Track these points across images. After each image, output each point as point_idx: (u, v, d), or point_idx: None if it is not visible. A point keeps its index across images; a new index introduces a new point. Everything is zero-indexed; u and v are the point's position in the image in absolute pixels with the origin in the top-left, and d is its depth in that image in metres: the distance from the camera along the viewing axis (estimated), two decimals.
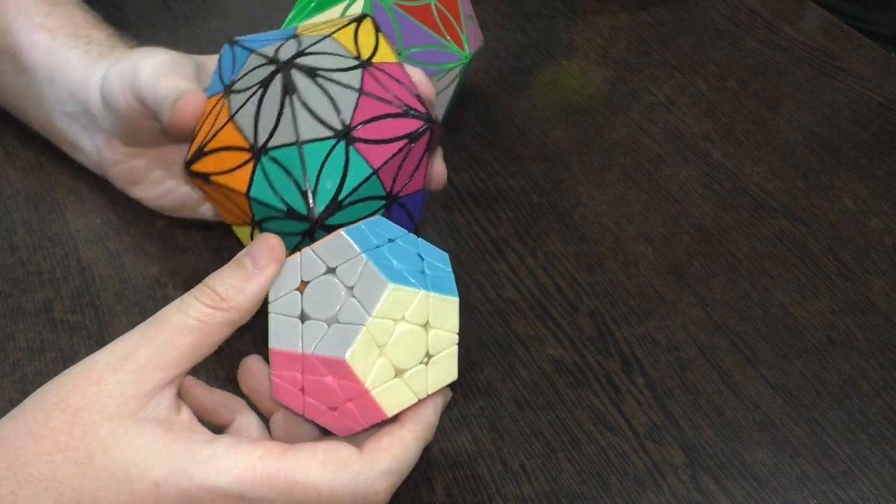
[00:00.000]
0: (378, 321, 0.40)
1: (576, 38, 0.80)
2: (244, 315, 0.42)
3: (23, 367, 0.53)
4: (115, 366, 0.40)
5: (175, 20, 0.79)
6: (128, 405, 0.40)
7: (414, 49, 0.62)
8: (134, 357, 0.40)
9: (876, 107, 0.73)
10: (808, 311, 0.58)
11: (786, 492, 0.49)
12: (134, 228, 0.61)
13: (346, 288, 0.40)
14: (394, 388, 0.41)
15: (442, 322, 0.42)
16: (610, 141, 0.70)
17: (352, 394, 0.40)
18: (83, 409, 0.40)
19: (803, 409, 0.53)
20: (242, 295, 0.42)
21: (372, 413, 0.41)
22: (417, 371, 0.41)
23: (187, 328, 0.41)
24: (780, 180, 0.67)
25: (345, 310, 0.40)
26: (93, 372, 0.40)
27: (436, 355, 0.42)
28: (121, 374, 0.40)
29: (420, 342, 0.41)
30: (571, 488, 0.49)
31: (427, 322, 0.41)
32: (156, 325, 0.41)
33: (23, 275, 0.58)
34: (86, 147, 0.61)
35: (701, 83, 0.75)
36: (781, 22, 0.82)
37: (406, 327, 0.40)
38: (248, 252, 0.43)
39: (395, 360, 0.40)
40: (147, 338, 0.41)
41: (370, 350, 0.40)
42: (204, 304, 0.41)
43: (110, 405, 0.40)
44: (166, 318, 0.41)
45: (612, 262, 0.61)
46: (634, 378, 0.54)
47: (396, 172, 0.47)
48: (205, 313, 0.41)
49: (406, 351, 0.41)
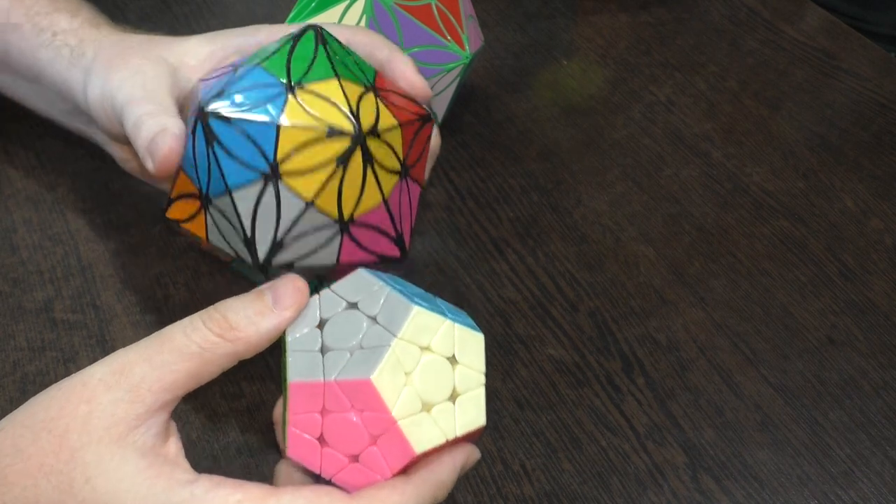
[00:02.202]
0: (404, 344, 0.38)
1: (576, 38, 0.80)
2: (251, 350, 0.40)
3: (23, 367, 0.53)
4: (108, 382, 0.39)
5: (175, 20, 0.79)
6: (117, 428, 0.39)
7: (414, 49, 0.62)
8: (129, 375, 0.39)
9: (876, 107, 0.73)
10: (808, 311, 0.58)
11: (786, 492, 0.49)
12: (134, 228, 0.61)
13: (369, 317, 0.39)
14: (421, 423, 0.38)
15: (469, 359, 0.39)
16: (610, 141, 0.70)
17: (377, 428, 0.38)
18: (72, 431, 0.38)
19: (804, 409, 0.53)
20: (254, 329, 0.40)
21: (398, 451, 0.38)
22: (445, 407, 0.39)
23: (188, 353, 0.39)
24: (781, 180, 0.67)
25: (368, 336, 0.38)
26: (86, 388, 0.39)
27: (463, 394, 0.39)
28: (114, 393, 0.39)
29: (447, 376, 0.39)
30: (572, 488, 0.49)
31: (453, 355, 0.39)
32: (157, 344, 0.39)
33: (23, 274, 0.58)
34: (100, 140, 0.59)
35: (701, 83, 0.75)
36: (781, 22, 0.82)
37: (433, 357, 0.38)
38: (271, 287, 0.41)
39: (421, 391, 0.38)
40: (146, 355, 0.39)
41: (396, 373, 0.38)
42: (211, 330, 0.39)
43: (99, 427, 0.38)
44: (169, 337, 0.39)
45: (613, 262, 0.61)
46: (635, 378, 0.54)
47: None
48: (209, 341, 0.39)
49: (433, 383, 0.38)
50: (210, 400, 0.52)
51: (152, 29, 0.62)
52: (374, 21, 0.61)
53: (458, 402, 0.39)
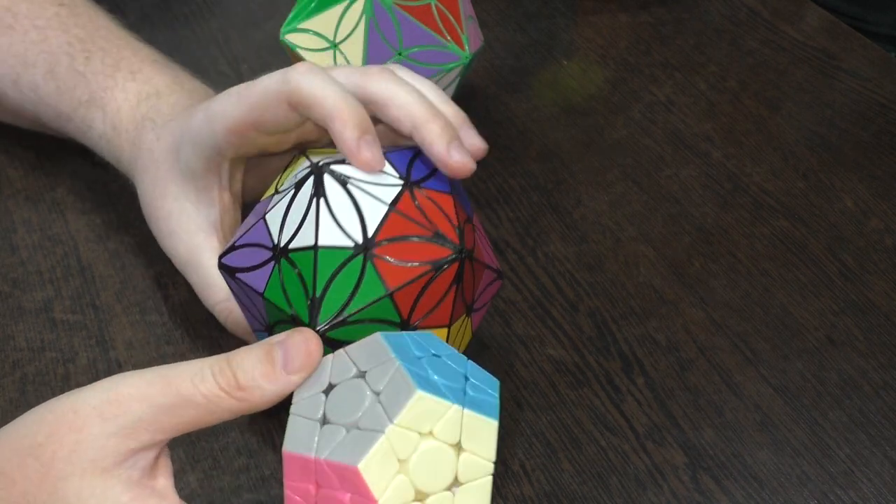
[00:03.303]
0: (401, 430, 0.36)
1: (576, 38, 0.80)
2: (252, 410, 0.39)
3: (23, 367, 0.53)
4: (103, 414, 0.38)
5: (175, 20, 0.79)
6: (104, 461, 0.38)
7: (414, 49, 0.62)
8: (127, 412, 0.38)
9: (876, 107, 0.73)
10: (808, 311, 0.58)
11: (786, 492, 0.49)
12: (134, 228, 0.61)
13: (373, 393, 0.37)
14: None
15: (477, 446, 0.37)
16: (610, 141, 0.70)
17: None
18: (58, 460, 0.37)
19: (803, 409, 0.53)
20: (259, 392, 0.39)
21: None
22: (442, 498, 0.37)
23: (193, 403, 0.38)
24: (780, 180, 0.67)
25: (367, 415, 0.37)
26: (78, 416, 0.38)
27: (465, 483, 0.37)
28: (108, 426, 0.38)
29: (448, 464, 0.37)
30: (572, 488, 0.49)
31: (458, 442, 0.37)
32: (162, 385, 0.38)
33: (23, 274, 0.58)
34: None
35: (701, 83, 0.75)
36: (781, 22, 0.82)
37: (433, 444, 0.36)
38: (283, 345, 0.39)
39: (416, 481, 0.36)
40: (148, 394, 0.38)
41: (388, 462, 0.36)
42: (219, 384, 0.38)
43: (85, 459, 0.37)
44: (175, 382, 0.38)
45: (612, 262, 0.61)
46: (635, 378, 0.54)
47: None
48: (215, 395, 0.38)
49: (431, 472, 0.36)
50: None
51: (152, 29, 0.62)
52: (373, 21, 0.61)
53: (459, 491, 0.37)
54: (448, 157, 0.45)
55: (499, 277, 0.49)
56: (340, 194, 0.44)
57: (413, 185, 0.45)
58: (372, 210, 0.44)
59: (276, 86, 0.47)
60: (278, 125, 0.48)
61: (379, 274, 0.43)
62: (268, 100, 0.47)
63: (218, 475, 0.49)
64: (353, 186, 0.44)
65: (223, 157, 0.51)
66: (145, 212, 0.55)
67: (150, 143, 0.54)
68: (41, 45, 0.59)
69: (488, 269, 0.48)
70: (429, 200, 0.45)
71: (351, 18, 0.62)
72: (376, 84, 0.47)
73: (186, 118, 0.52)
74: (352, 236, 0.43)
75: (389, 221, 0.44)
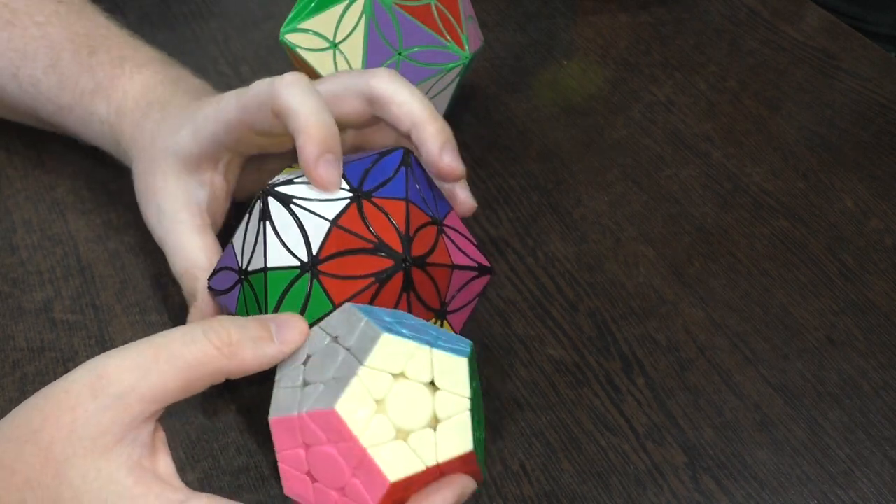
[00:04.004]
0: (372, 371, 0.37)
1: (576, 38, 0.80)
2: (241, 371, 0.39)
3: (23, 367, 0.53)
4: (94, 388, 0.38)
5: (175, 20, 0.79)
6: (103, 439, 0.37)
7: (414, 49, 0.62)
8: (117, 382, 0.38)
9: (876, 107, 0.73)
10: (808, 311, 0.58)
11: (786, 492, 0.49)
12: (134, 228, 0.61)
13: (345, 349, 0.38)
14: (396, 450, 0.37)
15: (451, 384, 0.38)
16: (610, 141, 0.70)
17: (352, 459, 0.37)
18: (56, 442, 0.37)
19: (803, 409, 0.53)
20: (252, 351, 0.39)
21: (375, 480, 0.37)
22: (423, 434, 0.38)
23: (185, 364, 0.38)
24: (780, 180, 0.67)
25: (340, 367, 0.38)
26: (70, 395, 0.38)
27: (445, 420, 0.38)
28: (101, 400, 0.38)
29: (424, 402, 0.38)
30: (572, 488, 0.49)
31: (432, 381, 0.38)
32: (152, 351, 0.39)
33: (23, 275, 0.58)
34: None
35: (701, 83, 0.75)
36: (781, 22, 0.82)
37: (406, 384, 0.37)
38: (274, 319, 0.41)
39: (395, 419, 0.37)
40: (138, 363, 0.38)
41: (364, 402, 0.37)
42: (210, 341, 0.39)
43: (85, 438, 0.37)
44: (166, 345, 0.39)
45: (612, 262, 0.61)
46: (634, 378, 0.54)
47: None
48: (207, 354, 0.39)
49: (408, 410, 0.37)
50: (210, 400, 0.52)
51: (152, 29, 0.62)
52: (373, 21, 0.61)
53: (440, 428, 0.38)
54: (439, 160, 0.47)
55: (481, 273, 0.48)
56: (285, 215, 0.45)
57: (363, 195, 0.45)
58: (315, 228, 0.44)
59: (263, 92, 0.48)
60: (267, 129, 0.49)
61: (325, 290, 0.44)
62: (256, 105, 0.48)
63: (218, 475, 0.49)
64: (296, 206, 0.45)
65: (223, 149, 0.52)
66: (137, 188, 0.55)
67: (153, 123, 0.55)
68: (42, 41, 0.60)
69: (463, 270, 0.47)
70: (377, 210, 0.45)
71: (351, 18, 0.62)
72: (380, 82, 0.48)
73: (195, 109, 0.53)
74: (297, 256, 0.44)
75: (332, 238, 0.44)
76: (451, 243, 0.47)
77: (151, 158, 0.54)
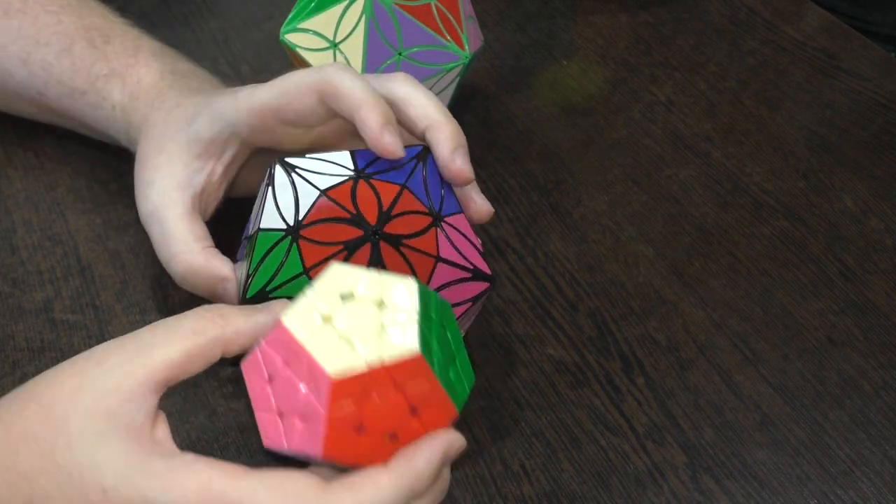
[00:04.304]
0: (320, 293, 0.39)
1: (576, 38, 0.80)
2: (238, 338, 0.42)
3: (23, 367, 0.53)
4: (99, 359, 0.40)
5: (175, 20, 0.79)
6: (105, 400, 0.39)
7: (414, 49, 0.62)
8: (120, 352, 0.40)
9: (876, 107, 0.73)
10: (808, 311, 0.58)
11: (786, 492, 0.49)
12: (134, 228, 0.61)
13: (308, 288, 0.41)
14: (340, 352, 0.38)
15: (399, 301, 0.40)
16: (610, 141, 0.70)
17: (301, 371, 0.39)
18: (59, 400, 0.39)
19: (803, 409, 0.53)
20: (243, 318, 0.42)
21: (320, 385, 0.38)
22: (369, 339, 0.39)
23: (180, 333, 0.41)
24: (780, 180, 0.67)
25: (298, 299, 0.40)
26: (76, 365, 0.41)
27: (391, 327, 0.39)
28: (104, 367, 0.40)
29: (373, 317, 0.39)
30: (571, 488, 0.49)
31: (381, 300, 0.40)
32: (150, 330, 0.41)
33: (23, 275, 0.58)
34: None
35: (701, 83, 0.75)
36: (781, 22, 0.82)
37: (355, 303, 0.39)
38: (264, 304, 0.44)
39: (343, 332, 0.39)
40: (138, 336, 0.41)
41: (311, 317, 0.39)
42: (203, 313, 0.41)
43: (87, 398, 0.39)
44: (161, 322, 0.42)
45: (612, 262, 0.61)
46: (635, 378, 0.54)
47: None
48: (202, 324, 0.41)
49: (356, 324, 0.39)
50: (210, 400, 0.52)
51: (152, 29, 0.62)
52: (373, 21, 0.61)
53: (385, 333, 0.39)
54: (451, 162, 0.48)
55: (476, 277, 0.48)
56: (286, 183, 0.47)
57: (363, 176, 0.48)
58: (306, 196, 0.47)
59: (309, 77, 0.49)
60: (301, 116, 0.50)
61: (301, 253, 0.46)
62: (298, 89, 0.50)
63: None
64: (297, 176, 0.47)
65: (236, 138, 0.53)
66: (136, 167, 0.55)
67: (169, 107, 0.55)
68: (55, 28, 0.60)
69: (451, 266, 0.48)
70: (369, 189, 0.47)
71: (351, 18, 0.62)
72: (398, 85, 0.50)
73: (213, 95, 0.54)
74: (286, 219, 0.47)
75: (318, 206, 0.46)
76: (444, 238, 0.47)
77: (160, 137, 0.54)
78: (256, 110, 0.51)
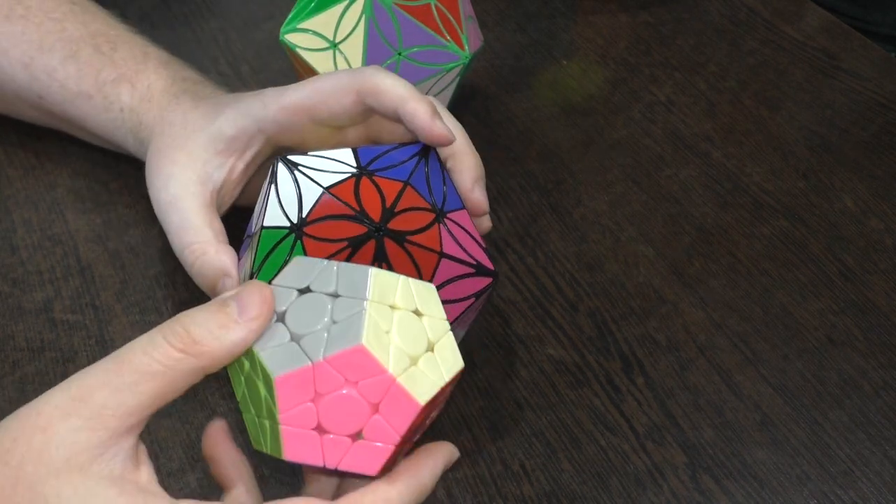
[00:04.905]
0: (376, 305, 0.38)
1: (576, 38, 0.80)
2: (216, 364, 0.38)
3: (23, 367, 0.53)
4: (66, 409, 0.36)
5: (175, 20, 0.79)
6: (78, 458, 0.36)
7: (414, 49, 0.62)
8: (89, 401, 0.36)
9: (876, 107, 0.73)
10: (808, 311, 0.58)
11: (786, 492, 0.49)
12: (134, 228, 0.61)
13: (328, 294, 0.39)
14: (414, 376, 0.38)
15: (430, 309, 0.40)
16: (610, 141, 0.70)
17: (376, 393, 0.37)
18: (27, 462, 0.36)
19: (803, 409, 0.53)
20: (218, 343, 0.37)
21: (403, 409, 0.38)
22: (428, 358, 0.39)
23: (150, 372, 0.37)
24: (780, 180, 0.67)
25: (337, 309, 0.38)
26: (41, 416, 0.37)
27: (437, 342, 0.40)
28: (72, 421, 0.36)
29: (419, 329, 0.39)
30: (571, 488, 0.49)
31: (416, 309, 0.40)
32: (117, 365, 0.37)
33: (23, 275, 0.58)
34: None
35: (701, 83, 0.75)
36: (781, 22, 0.82)
37: (402, 313, 0.39)
38: (236, 295, 0.39)
39: (404, 347, 0.38)
40: (105, 380, 0.37)
41: (379, 334, 0.38)
42: (172, 345, 0.37)
43: (58, 458, 0.36)
44: (129, 358, 0.37)
45: (612, 262, 0.61)
46: (634, 378, 0.54)
47: None
48: (172, 358, 0.37)
49: (410, 337, 0.39)
50: (210, 400, 0.52)
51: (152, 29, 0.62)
52: (373, 21, 0.61)
53: (437, 350, 0.40)
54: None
55: (479, 273, 0.49)
56: (288, 180, 0.48)
57: (365, 173, 0.48)
58: (309, 193, 0.47)
59: (347, 77, 0.51)
60: (333, 115, 0.51)
61: (305, 250, 0.46)
62: (335, 88, 0.51)
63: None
64: (299, 173, 0.48)
65: (261, 134, 0.53)
66: (149, 161, 0.55)
67: (185, 107, 0.56)
68: (59, 34, 0.61)
69: (454, 261, 0.48)
70: (372, 185, 0.48)
71: (351, 18, 0.62)
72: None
73: (234, 96, 0.54)
74: (289, 217, 0.47)
75: (321, 203, 0.47)
76: (447, 234, 0.48)
77: (178, 135, 0.54)
78: (289, 108, 0.51)
